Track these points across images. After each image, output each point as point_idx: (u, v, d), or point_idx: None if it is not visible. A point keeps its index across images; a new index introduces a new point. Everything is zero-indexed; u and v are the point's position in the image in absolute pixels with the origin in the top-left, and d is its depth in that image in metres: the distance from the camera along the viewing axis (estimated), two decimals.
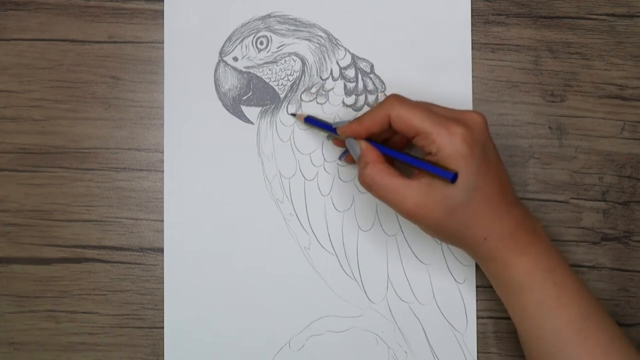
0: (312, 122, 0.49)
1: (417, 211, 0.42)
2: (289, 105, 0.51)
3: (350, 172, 0.51)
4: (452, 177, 0.41)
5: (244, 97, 0.51)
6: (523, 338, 0.45)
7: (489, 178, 0.42)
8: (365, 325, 0.51)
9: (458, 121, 0.42)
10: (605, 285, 0.51)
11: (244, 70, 0.51)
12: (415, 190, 0.42)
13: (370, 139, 0.45)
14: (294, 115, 0.51)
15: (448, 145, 0.41)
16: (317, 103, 0.51)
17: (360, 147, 0.45)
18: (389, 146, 0.45)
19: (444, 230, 0.43)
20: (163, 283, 0.51)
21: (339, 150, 0.51)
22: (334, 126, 0.47)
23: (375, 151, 0.44)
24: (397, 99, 0.43)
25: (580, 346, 0.42)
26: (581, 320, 0.42)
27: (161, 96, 0.51)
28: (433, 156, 0.42)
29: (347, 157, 0.49)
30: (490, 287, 0.49)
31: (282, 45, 0.51)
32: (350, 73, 0.51)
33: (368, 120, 0.44)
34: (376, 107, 0.44)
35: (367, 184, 0.43)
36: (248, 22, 0.51)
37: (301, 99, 0.51)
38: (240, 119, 0.51)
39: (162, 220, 0.51)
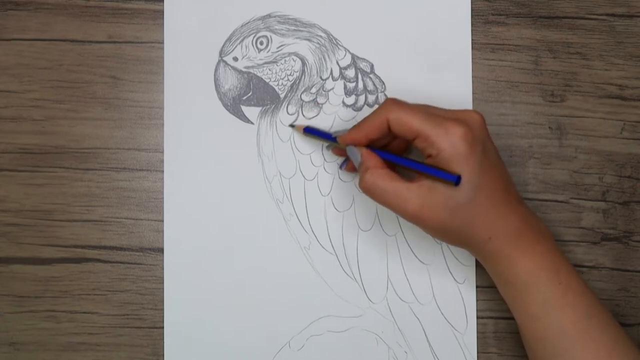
0: (311, 132, 0.49)
1: (420, 213, 0.42)
2: (289, 106, 0.51)
3: (350, 172, 0.51)
4: (456, 180, 0.40)
5: (244, 97, 0.51)
6: (527, 338, 0.44)
7: (491, 176, 0.42)
8: (365, 325, 0.51)
9: (457, 121, 0.42)
10: (605, 285, 0.51)
11: (244, 70, 0.51)
12: (417, 192, 0.42)
13: (370, 145, 0.45)
14: (292, 126, 0.50)
15: (448, 146, 0.41)
16: (317, 103, 0.51)
17: (360, 154, 0.44)
18: (388, 152, 0.45)
19: (448, 232, 0.43)
20: (163, 283, 0.51)
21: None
22: (333, 135, 0.47)
23: (375, 157, 0.44)
24: (394, 102, 0.43)
25: (585, 347, 0.42)
26: (586, 320, 0.42)
27: (161, 96, 0.51)
28: (433, 158, 0.42)
29: (347, 165, 0.49)
30: (491, 287, 0.49)
31: (282, 45, 0.51)
32: (350, 73, 0.51)
33: (367, 125, 0.44)
34: (374, 112, 0.44)
35: (368, 189, 0.43)
36: (248, 22, 0.51)
37: (301, 99, 0.51)
38: (240, 119, 0.51)
39: (162, 220, 0.51)
